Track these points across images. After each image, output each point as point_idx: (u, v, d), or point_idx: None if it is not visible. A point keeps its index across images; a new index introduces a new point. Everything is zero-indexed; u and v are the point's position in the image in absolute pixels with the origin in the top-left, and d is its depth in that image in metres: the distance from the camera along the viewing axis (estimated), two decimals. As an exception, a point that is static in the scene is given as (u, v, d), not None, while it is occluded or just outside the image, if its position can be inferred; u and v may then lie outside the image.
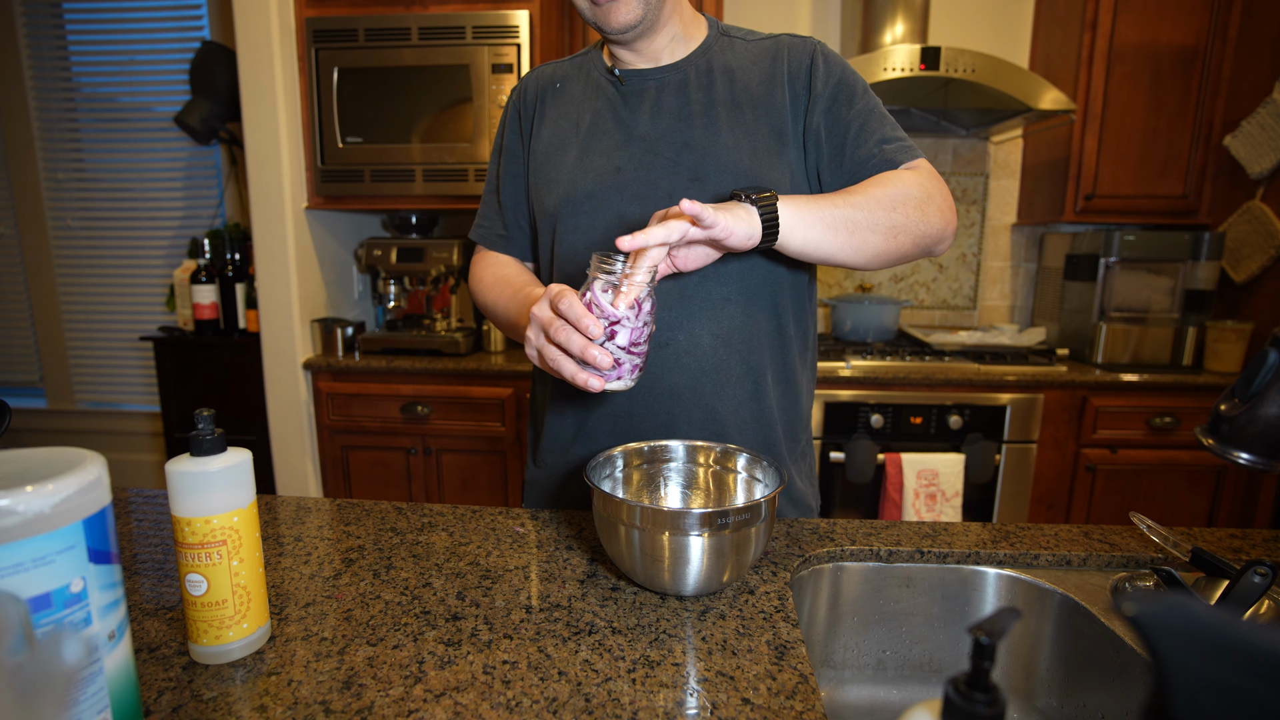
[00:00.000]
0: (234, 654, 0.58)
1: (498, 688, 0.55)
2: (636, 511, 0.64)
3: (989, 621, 0.32)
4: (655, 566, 0.65)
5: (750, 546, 0.66)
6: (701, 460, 0.82)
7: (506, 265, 1.00)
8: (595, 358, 0.66)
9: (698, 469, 0.82)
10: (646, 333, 0.70)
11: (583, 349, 0.67)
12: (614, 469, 0.79)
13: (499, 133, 1.02)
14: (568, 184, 0.90)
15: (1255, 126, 2.08)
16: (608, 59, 0.94)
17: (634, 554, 0.66)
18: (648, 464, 0.82)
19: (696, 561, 0.64)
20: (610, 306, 0.67)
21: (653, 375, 0.88)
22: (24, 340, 3.02)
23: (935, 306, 2.68)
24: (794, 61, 0.89)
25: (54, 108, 2.83)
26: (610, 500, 0.66)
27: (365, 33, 2.04)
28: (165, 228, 2.87)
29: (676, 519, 0.63)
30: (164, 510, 0.92)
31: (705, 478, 0.82)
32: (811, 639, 0.82)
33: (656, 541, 0.64)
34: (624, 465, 0.80)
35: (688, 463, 0.82)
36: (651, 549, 0.65)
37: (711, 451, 0.81)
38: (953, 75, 1.98)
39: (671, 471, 0.82)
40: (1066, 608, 0.77)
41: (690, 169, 0.87)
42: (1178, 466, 2.09)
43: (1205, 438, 0.68)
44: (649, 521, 0.64)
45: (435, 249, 2.25)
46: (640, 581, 0.69)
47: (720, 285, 0.88)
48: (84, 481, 0.41)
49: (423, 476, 2.21)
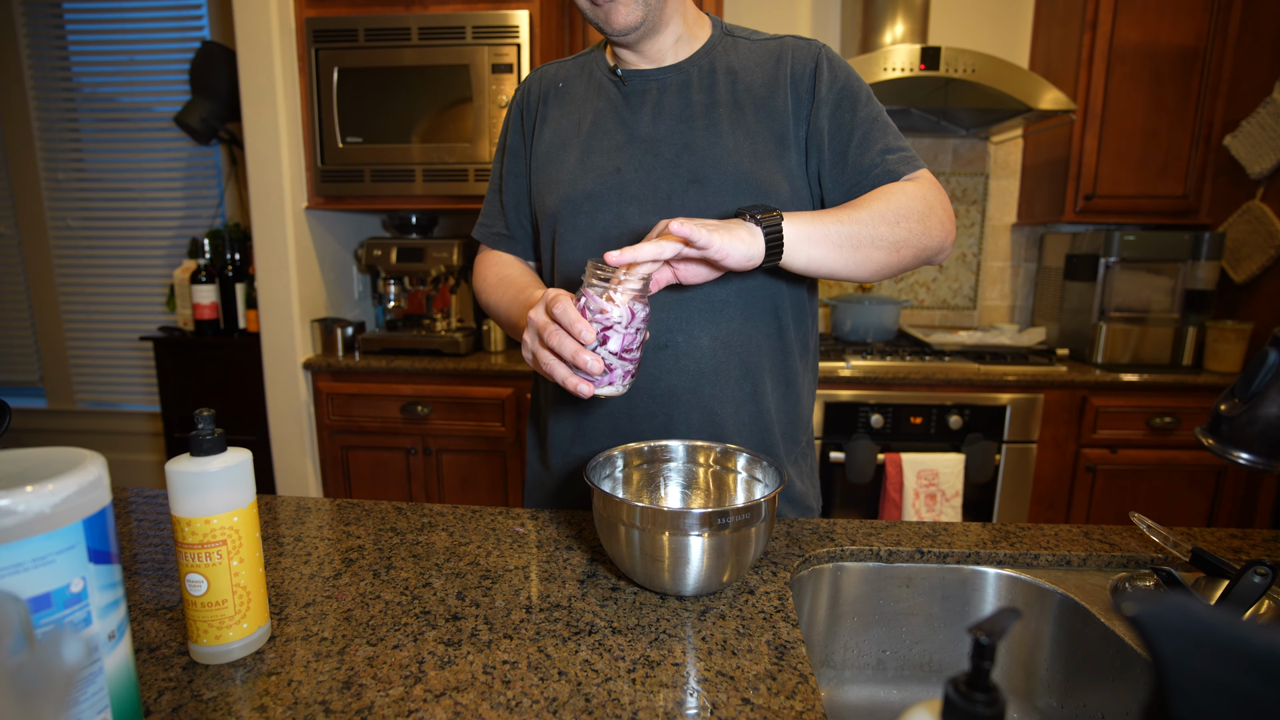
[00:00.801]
0: (234, 654, 0.58)
1: (498, 688, 0.55)
2: (636, 511, 0.65)
3: (989, 621, 0.32)
4: (655, 566, 0.65)
5: (750, 546, 0.66)
6: (701, 460, 0.82)
7: (509, 265, 1.00)
8: (586, 362, 0.67)
9: (698, 469, 0.82)
10: (639, 339, 0.70)
11: (574, 354, 0.67)
12: (614, 469, 0.79)
13: (502, 132, 1.02)
14: (568, 184, 0.90)
15: (1255, 126, 2.08)
16: (610, 59, 0.94)
17: (634, 554, 0.66)
18: (648, 464, 0.82)
19: (696, 561, 0.64)
20: (603, 312, 0.67)
21: (651, 377, 0.88)
22: (24, 340, 3.02)
23: (935, 306, 2.68)
24: (798, 64, 0.88)
25: (54, 108, 2.83)
26: (610, 500, 0.66)
27: (365, 33, 2.04)
28: (165, 228, 2.87)
29: (676, 519, 0.63)
30: (164, 510, 0.92)
31: (705, 478, 0.82)
32: (811, 639, 0.82)
33: (656, 541, 0.64)
34: (624, 465, 0.80)
35: (688, 463, 0.82)
36: (651, 549, 0.65)
37: (711, 451, 0.81)
38: (953, 75, 1.98)
39: (671, 471, 0.82)
40: (1066, 608, 0.77)
41: (690, 171, 0.87)
42: (1178, 466, 2.09)
43: (1205, 438, 0.68)
44: (649, 521, 0.64)
45: (435, 249, 2.25)
46: (640, 582, 0.69)
47: (719, 288, 0.88)
48: (84, 481, 0.41)
49: (423, 476, 2.21)
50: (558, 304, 0.68)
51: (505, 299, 0.92)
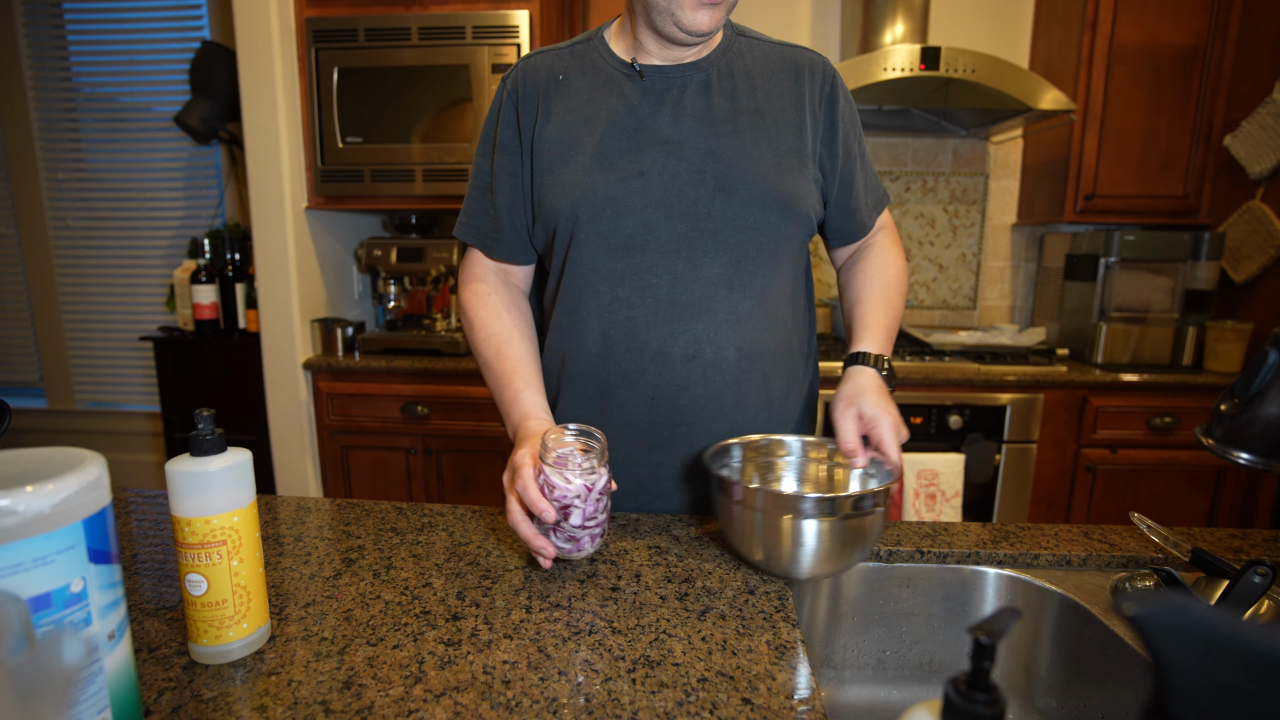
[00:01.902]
0: (234, 654, 0.58)
1: (498, 688, 0.55)
2: (758, 495, 0.71)
3: (989, 621, 0.32)
4: (775, 548, 0.70)
5: (868, 534, 0.70)
6: (813, 455, 0.87)
7: (498, 318, 0.93)
8: (540, 549, 0.71)
9: (809, 464, 0.88)
10: (603, 504, 0.73)
11: (528, 539, 0.72)
12: (729, 459, 0.84)
13: (489, 125, 0.95)
14: (585, 186, 0.86)
15: (1255, 126, 2.08)
16: (625, 51, 0.89)
17: (755, 536, 0.71)
18: (763, 457, 0.88)
19: (812, 544, 0.69)
20: (563, 486, 0.70)
21: (677, 387, 0.88)
22: (24, 340, 3.02)
23: (935, 306, 2.68)
24: (815, 84, 0.91)
25: (54, 108, 2.83)
26: (727, 484, 0.72)
27: (365, 33, 2.04)
28: (165, 228, 2.87)
29: (793, 503, 0.69)
30: (164, 510, 0.92)
31: (815, 471, 0.88)
32: (811, 639, 0.82)
33: (777, 524, 0.69)
34: (740, 457, 0.86)
35: (801, 457, 0.88)
36: (773, 531, 0.70)
37: (823, 448, 0.87)
38: (953, 75, 1.98)
39: (783, 464, 0.88)
40: (1066, 608, 0.77)
41: (716, 178, 0.86)
42: (1178, 466, 2.09)
43: (1205, 438, 0.68)
44: (771, 505, 0.70)
45: (435, 249, 2.25)
46: (758, 564, 0.74)
47: (744, 300, 0.88)
48: (84, 481, 0.41)
49: (423, 476, 2.21)
50: (519, 478, 0.71)
51: (490, 375, 0.91)
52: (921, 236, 2.63)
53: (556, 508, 0.70)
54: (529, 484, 0.70)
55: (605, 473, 0.72)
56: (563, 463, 0.71)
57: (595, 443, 0.72)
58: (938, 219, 2.62)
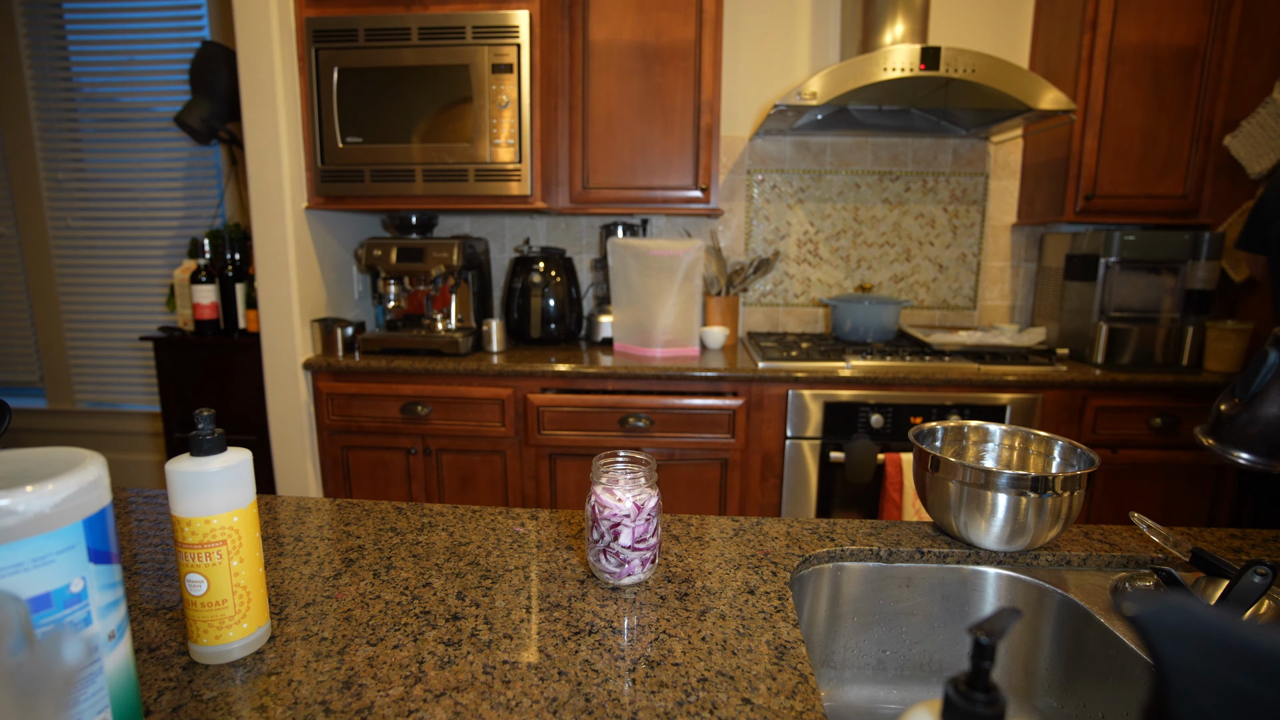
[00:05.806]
0: (234, 654, 0.58)
1: (498, 688, 0.55)
2: (966, 471, 0.78)
3: (989, 621, 0.32)
4: (975, 521, 0.78)
5: (1062, 514, 0.76)
6: (1007, 443, 0.94)
7: None
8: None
9: (1003, 450, 0.94)
10: (652, 528, 0.73)
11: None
12: (935, 439, 0.93)
13: None
14: None
15: (1255, 126, 2.08)
16: None
17: (959, 508, 0.79)
18: (961, 441, 0.96)
19: (1003, 515, 0.76)
20: (614, 505, 0.71)
21: None
22: (24, 340, 3.02)
23: (935, 306, 2.68)
24: None
25: (54, 108, 2.83)
26: (942, 461, 0.80)
27: (365, 33, 2.04)
28: (165, 228, 2.87)
29: (991, 478, 0.76)
30: (164, 510, 0.92)
31: (1008, 456, 0.94)
32: (811, 639, 0.82)
33: (981, 497, 0.77)
34: (941, 440, 0.94)
35: (999, 445, 0.95)
36: (976, 504, 0.77)
37: (1017, 435, 0.93)
38: (953, 75, 1.98)
39: (980, 448, 0.96)
40: (1066, 608, 0.77)
41: None
42: (1178, 466, 2.09)
43: (1205, 438, 0.68)
44: (976, 480, 0.77)
45: (435, 249, 2.25)
46: (955, 533, 0.82)
47: None
48: (84, 481, 0.41)
49: (423, 476, 2.21)
50: None
51: None
52: (921, 236, 2.64)
53: (606, 527, 0.71)
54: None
55: (656, 494, 0.73)
56: (614, 482, 0.72)
57: (645, 464, 0.74)
58: (938, 219, 2.62)
